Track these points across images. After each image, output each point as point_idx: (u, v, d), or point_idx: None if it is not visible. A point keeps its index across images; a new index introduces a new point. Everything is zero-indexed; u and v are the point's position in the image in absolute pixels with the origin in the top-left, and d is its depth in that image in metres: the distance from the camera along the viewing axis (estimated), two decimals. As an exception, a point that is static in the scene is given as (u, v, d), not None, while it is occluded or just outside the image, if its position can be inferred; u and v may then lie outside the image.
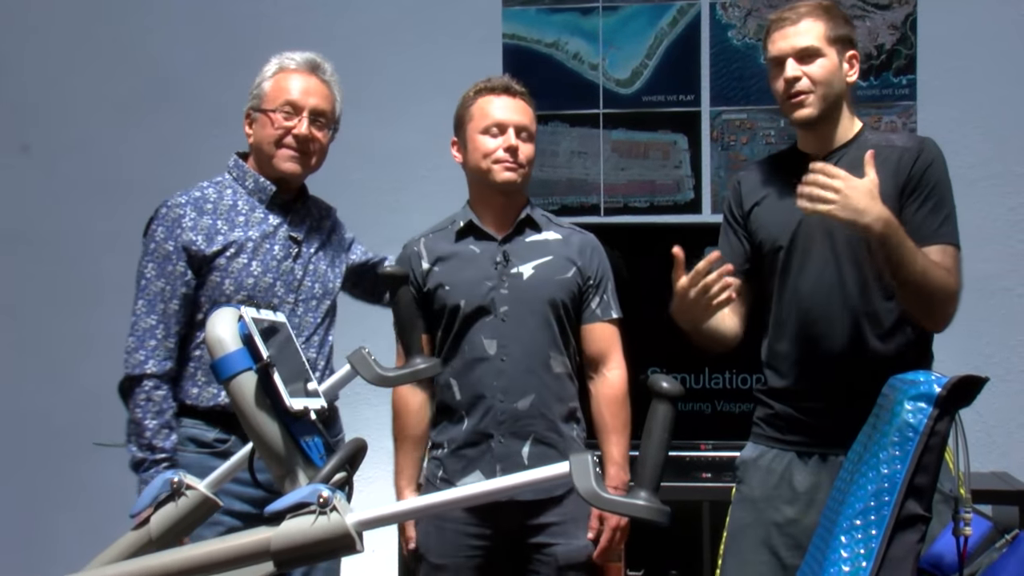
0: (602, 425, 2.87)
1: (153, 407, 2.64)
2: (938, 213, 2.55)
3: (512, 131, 2.84)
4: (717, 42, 4.24)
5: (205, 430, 2.70)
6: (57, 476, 4.34)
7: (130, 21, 4.48)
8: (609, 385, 2.88)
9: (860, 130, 2.68)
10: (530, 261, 2.86)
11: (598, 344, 2.90)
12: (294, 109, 2.77)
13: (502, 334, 2.82)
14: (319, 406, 1.78)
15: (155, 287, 2.68)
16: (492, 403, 2.81)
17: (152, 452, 2.62)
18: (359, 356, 1.98)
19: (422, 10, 4.37)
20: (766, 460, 2.65)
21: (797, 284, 2.61)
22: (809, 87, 2.59)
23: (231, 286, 2.69)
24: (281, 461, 1.72)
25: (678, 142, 4.27)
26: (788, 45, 2.61)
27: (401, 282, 2.13)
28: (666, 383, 1.64)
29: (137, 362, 2.66)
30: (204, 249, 2.68)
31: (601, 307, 2.90)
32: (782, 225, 2.64)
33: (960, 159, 3.97)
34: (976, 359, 3.89)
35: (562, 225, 2.97)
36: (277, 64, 2.83)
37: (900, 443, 2.04)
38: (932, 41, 4.13)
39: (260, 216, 2.77)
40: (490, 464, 2.81)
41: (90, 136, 4.44)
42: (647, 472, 1.62)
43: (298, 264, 2.79)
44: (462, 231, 2.91)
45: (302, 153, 2.78)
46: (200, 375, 2.70)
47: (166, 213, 2.72)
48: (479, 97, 2.89)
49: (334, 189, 4.27)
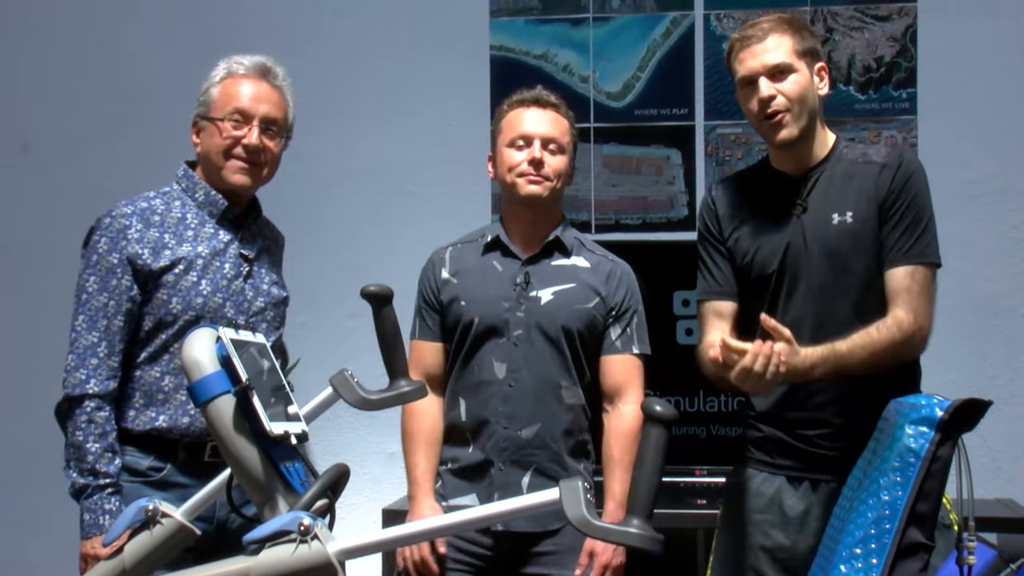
0: (609, 459, 2.85)
1: (95, 429, 2.55)
2: (913, 230, 2.55)
3: (538, 143, 2.85)
4: (711, 54, 4.25)
5: (139, 457, 2.61)
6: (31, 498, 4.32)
7: (115, 28, 4.47)
8: (622, 419, 2.85)
9: (835, 143, 2.68)
10: (551, 286, 2.86)
11: (615, 377, 2.88)
12: (244, 117, 2.70)
13: (513, 358, 2.82)
14: (300, 430, 1.77)
15: (97, 302, 2.60)
16: (496, 428, 2.81)
17: (95, 477, 2.54)
18: (341, 378, 1.97)
19: (406, 20, 4.38)
20: (755, 483, 2.65)
21: (786, 309, 2.61)
22: (785, 105, 2.59)
23: (178, 305, 2.62)
24: (260, 487, 1.71)
25: (671, 157, 4.28)
26: (758, 63, 2.61)
27: (384, 302, 2.12)
28: (659, 406, 1.63)
29: (77, 381, 2.57)
30: (150, 263, 2.61)
31: (622, 339, 2.88)
32: (769, 251, 2.63)
33: (962, 175, 4.00)
34: (980, 381, 3.89)
35: (595, 251, 2.96)
36: (225, 69, 2.75)
37: (901, 468, 2.05)
38: (933, 53, 4.14)
39: (210, 231, 2.71)
40: (487, 490, 2.81)
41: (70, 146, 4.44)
42: (639, 498, 1.61)
43: (248, 284, 2.73)
44: (489, 245, 2.92)
45: (252, 164, 2.71)
46: (138, 397, 2.62)
47: (110, 224, 2.64)
48: (510, 110, 2.92)
49: (314, 202, 4.31)
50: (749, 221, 2.68)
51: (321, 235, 4.28)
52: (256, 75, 2.74)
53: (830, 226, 2.57)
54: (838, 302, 2.56)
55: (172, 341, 2.62)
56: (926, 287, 2.54)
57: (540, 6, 4.33)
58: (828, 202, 2.60)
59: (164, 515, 1.86)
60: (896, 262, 2.54)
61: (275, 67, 2.78)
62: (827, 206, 2.59)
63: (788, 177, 2.67)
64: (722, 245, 2.72)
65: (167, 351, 2.63)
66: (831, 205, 2.59)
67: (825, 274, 2.57)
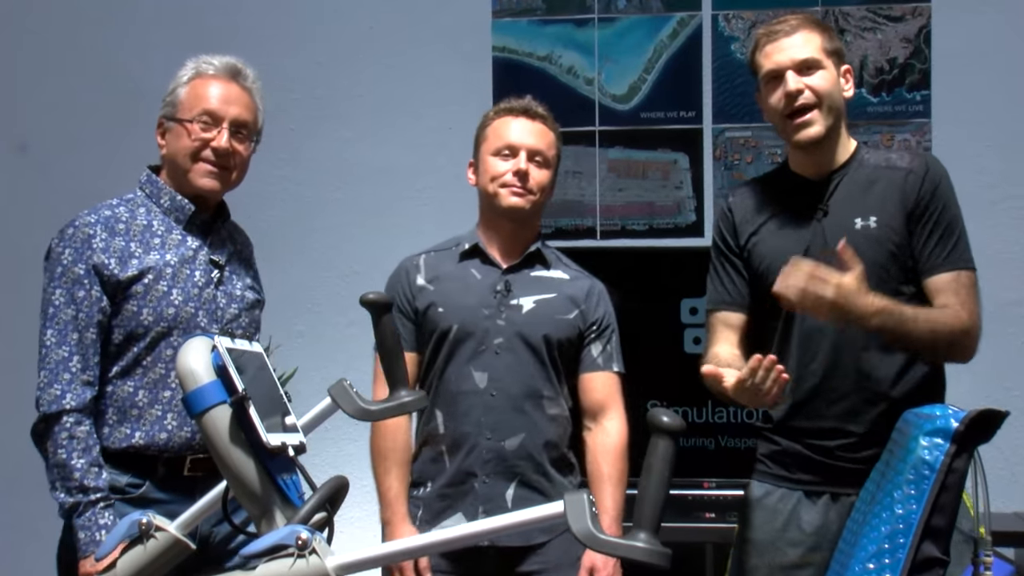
0: (597, 475, 2.85)
1: (78, 444, 2.50)
2: (949, 237, 2.57)
3: (524, 154, 2.85)
4: (720, 55, 4.26)
5: (116, 475, 2.57)
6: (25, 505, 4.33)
7: (114, 28, 4.48)
8: (607, 435, 2.86)
9: (856, 149, 2.69)
10: (532, 295, 2.86)
11: (597, 395, 2.89)
12: (213, 119, 2.67)
13: (494, 367, 2.81)
14: (297, 441, 1.77)
15: (65, 315, 2.56)
16: (478, 440, 2.80)
17: (85, 493, 2.49)
18: (340, 388, 1.97)
19: (407, 21, 4.38)
20: (772, 500, 2.64)
21: (805, 319, 2.60)
22: (813, 100, 2.59)
23: (149, 316, 2.59)
24: (257, 500, 1.71)
25: (679, 161, 4.29)
26: (786, 57, 2.62)
27: (383, 310, 2.12)
28: (666, 417, 1.64)
29: (52, 398, 2.52)
30: (118, 273, 2.58)
31: (603, 356, 2.90)
32: (788, 257, 2.63)
33: (977, 179, 4.00)
34: (996, 392, 3.89)
35: (571, 266, 2.98)
36: (194, 69, 2.72)
37: (915, 481, 2.05)
38: (948, 55, 4.14)
39: (178, 238, 2.67)
40: (472, 505, 2.80)
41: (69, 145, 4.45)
42: (646, 512, 1.61)
43: (221, 291, 2.71)
44: (466, 253, 2.92)
45: (221, 168, 2.68)
46: (111, 414, 2.59)
47: (73, 234, 2.60)
48: (497, 118, 2.92)
49: (312, 207, 4.32)
50: (768, 226, 2.69)
51: (319, 241, 4.29)
52: (226, 76, 2.72)
53: (853, 231, 2.57)
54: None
55: (144, 354, 2.60)
56: (972, 290, 2.56)
57: (544, 6, 4.34)
58: (851, 206, 2.60)
59: (158, 529, 1.86)
60: (936, 269, 2.55)
61: (245, 68, 2.76)
62: (850, 210, 2.60)
63: (808, 181, 2.67)
64: (736, 257, 2.73)
65: (139, 364, 2.60)
66: (854, 209, 2.59)
67: None
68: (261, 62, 2.88)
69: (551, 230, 4.25)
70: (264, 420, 1.71)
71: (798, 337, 2.61)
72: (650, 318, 3.85)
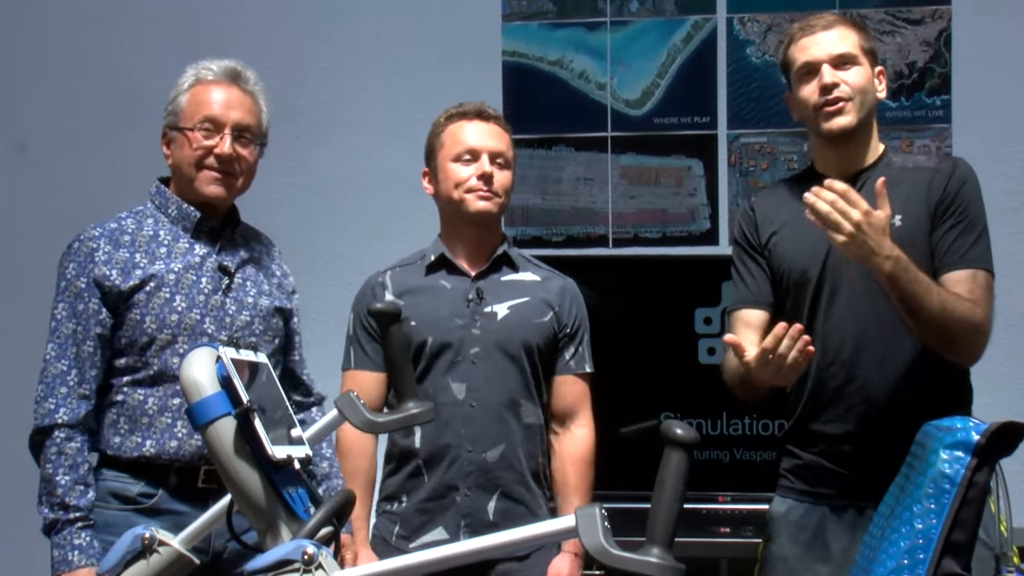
0: (564, 484, 2.87)
1: (65, 461, 2.55)
2: (969, 235, 2.57)
3: (486, 157, 2.86)
4: (734, 60, 4.26)
5: (129, 483, 2.62)
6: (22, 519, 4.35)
7: (114, 28, 4.50)
8: (576, 443, 2.89)
9: (883, 152, 2.70)
10: (505, 301, 2.87)
11: (568, 398, 2.91)
12: (214, 126, 2.69)
13: (472, 377, 2.82)
14: (303, 454, 1.78)
15: (66, 328, 2.62)
16: (459, 453, 2.81)
17: (65, 511, 2.54)
18: (347, 400, 1.98)
19: (414, 25, 4.39)
20: (796, 515, 2.65)
21: (828, 317, 2.62)
22: (848, 94, 2.61)
23: (152, 324, 2.62)
24: (262, 514, 1.72)
25: (692, 168, 4.29)
26: (823, 51, 2.63)
27: (391, 320, 2.13)
28: (680, 430, 1.64)
29: (46, 411, 2.58)
30: (119, 284, 2.62)
31: (575, 359, 2.91)
32: (810, 255, 2.64)
33: (998, 186, 3.99)
34: (1018, 403, 3.88)
35: (540, 266, 2.99)
36: (193, 75, 2.75)
37: (936, 495, 2.04)
38: (968, 59, 4.14)
39: (184, 246, 2.70)
40: (454, 519, 2.81)
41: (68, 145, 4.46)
42: (659, 526, 1.61)
43: (230, 297, 2.72)
44: (433, 265, 2.92)
45: (226, 174, 2.70)
46: (123, 423, 2.63)
47: (78, 248, 2.66)
48: (450, 123, 2.93)
49: (319, 216, 4.33)
50: (790, 225, 2.70)
51: (326, 249, 4.29)
52: (226, 80, 2.74)
53: None
54: (884, 308, 2.56)
55: (152, 362, 2.63)
56: (988, 292, 2.56)
57: (555, 10, 4.34)
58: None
59: (161, 543, 1.87)
60: (954, 265, 2.55)
61: (246, 71, 2.77)
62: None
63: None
64: (759, 254, 2.74)
65: (148, 372, 2.63)
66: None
67: (869, 279, 2.57)
68: (265, 67, 2.90)
69: (562, 238, 4.26)
70: (269, 432, 1.71)
71: (819, 337, 2.61)
72: (663, 328, 3.85)
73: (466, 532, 2.76)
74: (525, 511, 2.80)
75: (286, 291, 2.88)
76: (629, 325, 2.98)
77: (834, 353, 2.61)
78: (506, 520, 2.74)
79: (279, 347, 2.81)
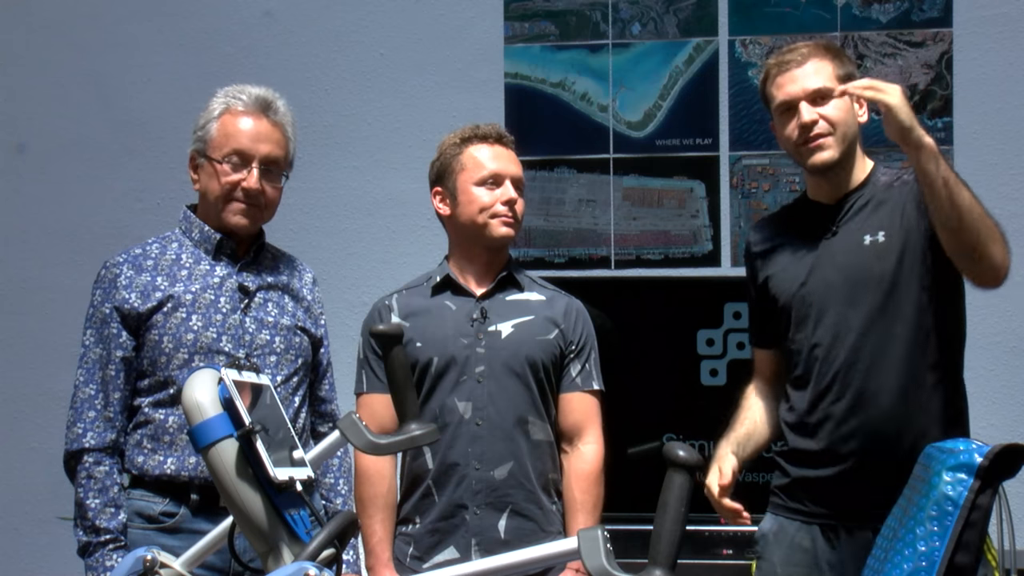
0: (571, 503, 2.86)
1: (95, 484, 2.63)
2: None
3: (509, 183, 2.88)
4: (736, 81, 4.27)
5: (153, 502, 2.66)
6: (17, 547, 4.34)
7: (114, 28, 4.51)
8: (584, 460, 2.88)
9: (872, 170, 2.72)
10: (510, 319, 2.87)
11: (576, 415, 2.90)
12: (242, 160, 2.70)
13: (478, 396, 2.82)
14: (305, 476, 1.78)
15: (93, 354, 2.69)
16: (467, 471, 2.81)
17: (96, 534, 2.61)
18: (349, 422, 1.97)
19: (418, 47, 4.40)
20: (788, 534, 2.65)
21: (815, 335, 2.63)
22: (827, 129, 2.63)
23: (170, 343, 2.66)
24: (264, 536, 1.72)
25: (695, 189, 4.29)
26: (798, 88, 2.65)
27: (394, 341, 2.13)
28: (682, 451, 1.64)
29: (75, 436, 2.66)
30: (138, 307, 2.67)
31: (582, 376, 2.91)
32: (795, 277, 2.67)
33: (1002, 208, 3.94)
34: (1021, 426, 3.87)
35: (546, 287, 2.99)
36: (223, 103, 2.75)
37: (938, 518, 2.04)
38: (970, 81, 4.15)
39: (205, 268, 2.74)
40: (464, 538, 2.81)
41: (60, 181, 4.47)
42: (662, 548, 1.61)
43: (249, 317, 2.74)
44: (438, 286, 2.93)
45: (252, 206, 2.74)
46: (147, 442, 2.68)
47: (104, 275, 2.73)
48: (468, 145, 2.93)
49: (323, 238, 4.33)
50: (780, 252, 2.74)
51: (328, 272, 4.28)
52: (256, 111, 2.74)
53: (862, 247, 2.61)
54: (877, 325, 2.58)
55: (171, 381, 2.66)
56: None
57: (557, 32, 4.36)
58: (860, 224, 2.64)
59: (163, 565, 1.87)
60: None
61: (276, 100, 2.78)
62: (859, 228, 2.64)
63: (824, 206, 2.69)
64: (757, 290, 2.80)
65: (167, 391, 2.66)
66: (863, 227, 2.63)
67: (854, 297, 2.58)
68: (269, 88, 2.90)
69: (565, 260, 4.26)
70: (271, 454, 1.72)
71: (813, 356, 2.64)
72: (666, 350, 3.85)
73: (478, 551, 2.76)
74: (536, 528, 2.79)
75: (313, 315, 2.90)
76: (631, 347, 2.98)
77: (820, 374, 2.63)
78: (517, 538, 2.73)
79: (303, 366, 2.81)
